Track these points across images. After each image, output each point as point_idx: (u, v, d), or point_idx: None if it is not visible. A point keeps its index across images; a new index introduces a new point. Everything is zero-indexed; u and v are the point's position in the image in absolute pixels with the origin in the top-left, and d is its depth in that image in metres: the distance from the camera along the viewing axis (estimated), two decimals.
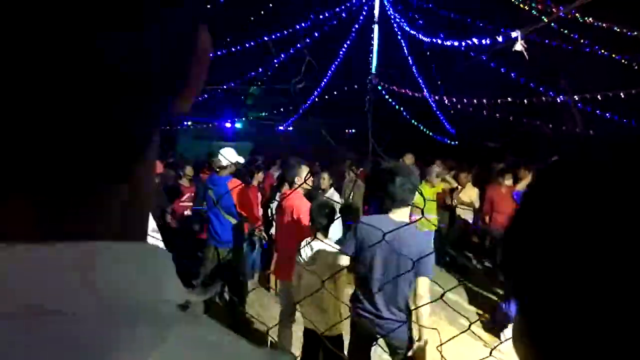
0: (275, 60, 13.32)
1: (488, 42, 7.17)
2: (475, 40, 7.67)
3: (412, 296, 2.96)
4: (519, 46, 5.63)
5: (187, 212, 6.40)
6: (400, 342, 2.92)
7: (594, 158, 0.42)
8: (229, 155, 4.92)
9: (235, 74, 13.71)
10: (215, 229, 4.94)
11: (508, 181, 6.63)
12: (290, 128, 16.94)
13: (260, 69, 13.35)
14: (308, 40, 12.29)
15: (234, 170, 5.20)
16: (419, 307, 2.81)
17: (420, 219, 3.39)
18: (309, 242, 3.51)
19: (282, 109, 15.51)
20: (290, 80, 12.79)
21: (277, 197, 6.25)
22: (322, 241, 3.40)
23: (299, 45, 12.07)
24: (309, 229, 3.61)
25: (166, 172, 7.05)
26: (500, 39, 6.65)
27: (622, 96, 8.70)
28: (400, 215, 2.94)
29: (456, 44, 8.53)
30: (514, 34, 5.84)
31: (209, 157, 6.89)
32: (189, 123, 16.73)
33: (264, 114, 15.91)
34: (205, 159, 7.98)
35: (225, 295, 5.33)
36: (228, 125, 17.03)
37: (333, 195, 6.16)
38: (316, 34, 12.73)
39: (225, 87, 13.83)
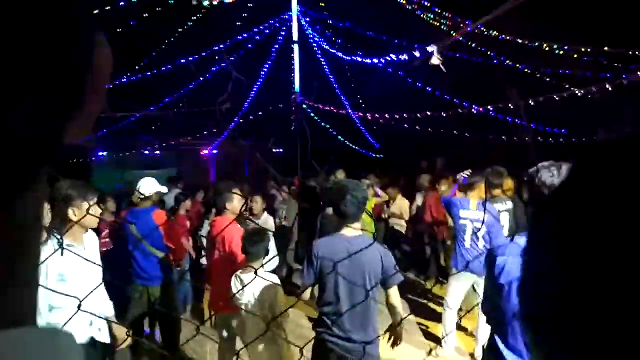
0: (193, 84, 13.06)
1: (406, 57, 7.46)
2: (393, 56, 7.95)
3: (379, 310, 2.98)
4: (435, 60, 5.90)
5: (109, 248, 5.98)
6: None
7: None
8: (149, 186, 4.60)
9: (153, 98, 13.25)
10: (141, 266, 4.56)
11: (444, 187, 6.81)
12: (215, 152, 16.58)
13: (182, 90, 12.99)
14: (232, 58, 12.17)
15: (156, 201, 4.90)
16: (398, 316, 2.91)
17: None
18: (239, 275, 3.35)
19: (205, 132, 15.15)
20: (214, 102, 12.58)
21: (205, 225, 6.02)
22: (255, 273, 3.27)
23: (223, 64, 11.92)
24: (243, 258, 3.46)
25: None
26: (417, 54, 6.93)
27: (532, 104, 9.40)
28: (352, 231, 2.92)
29: (376, 61, 8.79)
30: (429, 49, 6.11)
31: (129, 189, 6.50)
32: (105, 153, 15.93)
33: (188, 138, 15.45)
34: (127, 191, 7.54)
35: (156, 336, 4.99)
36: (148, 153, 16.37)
37: (267, 220, 6.01)
38: (234, 57, 12.65)
39: (143, 112, 13.31)
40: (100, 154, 15.72)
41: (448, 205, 4.85)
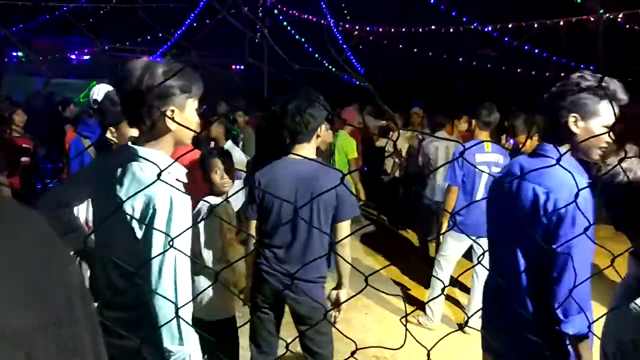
0: None
1: None
2: None
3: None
4: None
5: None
6: (311, 309, 2.89)
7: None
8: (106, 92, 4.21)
9: None
10: None
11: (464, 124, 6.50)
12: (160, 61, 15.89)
13: None
14: None
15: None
16: (345, 264, 2.88)
17: None
18: (207, 201, 3.25)
19: (148, 37, 14.45)
20: None
21: None
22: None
23: None
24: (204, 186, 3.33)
25: None
26: None
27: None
28: (303, 152, 2.85)
29: None
30: None
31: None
32: (20, 54, 15.10)
33: (127, 44, 14.72)
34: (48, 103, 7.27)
35: None
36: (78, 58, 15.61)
37: (232, 149, 5.81)
38: None
39: (70, 5, 12.57)
40: (14, 54, 14.91)
41: (461, 152, 4.70)
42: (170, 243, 1.40)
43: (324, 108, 2.81)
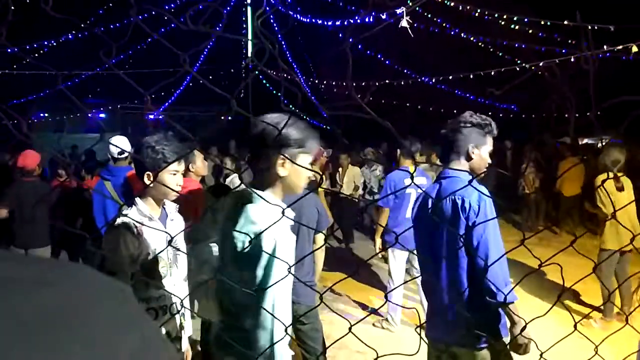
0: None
1: (371, 20, 7.19)
2: (358, 19, 7.66)
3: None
4: (404, 22, 5.75)
5: None
6: (308, 309, 2.86)
7: None
8: (122, 144, 4.05)
9: (97, 59, 12.39)
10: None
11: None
12: (161, 117, 15.82)
13: (130, 51, 12.25)
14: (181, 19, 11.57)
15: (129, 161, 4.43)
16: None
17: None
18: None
19: (152, 96, 14.42)
20: (162, 63, 11.87)
21: None
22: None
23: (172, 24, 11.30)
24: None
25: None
26: (384, 16, 6.70)
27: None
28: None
29: (338, 23, 8.48)
30: (398, 11, 5.93)
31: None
32: (46, 115, 14.91)
33: (136, 102, 14.66)
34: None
35: None
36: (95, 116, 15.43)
37: (234, 180, 5.74)
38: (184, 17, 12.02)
39: (89, 72, 12.48)
40: (41, 115, 14.71)
41: (391, 178, 4.73)
42: (289, 270, 1.37)
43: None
